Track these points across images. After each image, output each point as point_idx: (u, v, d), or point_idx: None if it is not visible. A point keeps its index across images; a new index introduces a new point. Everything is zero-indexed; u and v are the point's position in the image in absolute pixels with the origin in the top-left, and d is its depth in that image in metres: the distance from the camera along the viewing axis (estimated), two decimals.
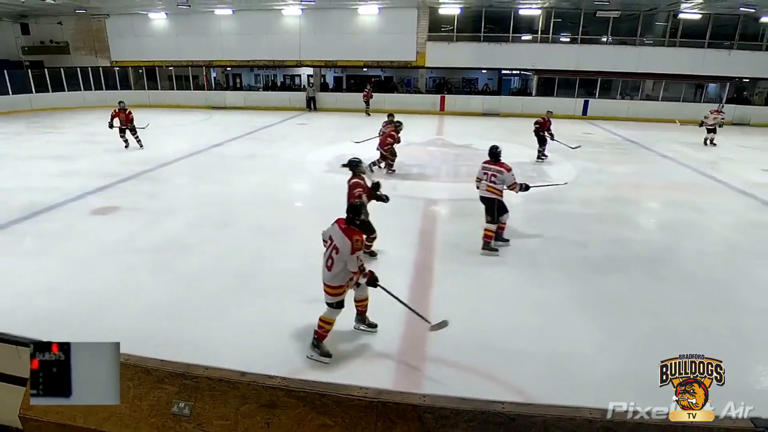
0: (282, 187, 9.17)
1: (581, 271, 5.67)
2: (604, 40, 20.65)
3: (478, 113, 21.07)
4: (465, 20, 20.80)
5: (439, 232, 6.93)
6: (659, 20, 20.58)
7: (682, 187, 9.66)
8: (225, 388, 2.22)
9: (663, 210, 8.49)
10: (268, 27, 21.57)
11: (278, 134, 15.57)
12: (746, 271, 5.82)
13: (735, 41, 19.99)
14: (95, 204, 7.83)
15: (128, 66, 23.58)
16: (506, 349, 4.03)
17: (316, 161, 11.19)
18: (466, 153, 12.50)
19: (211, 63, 23.29)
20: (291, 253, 5.99)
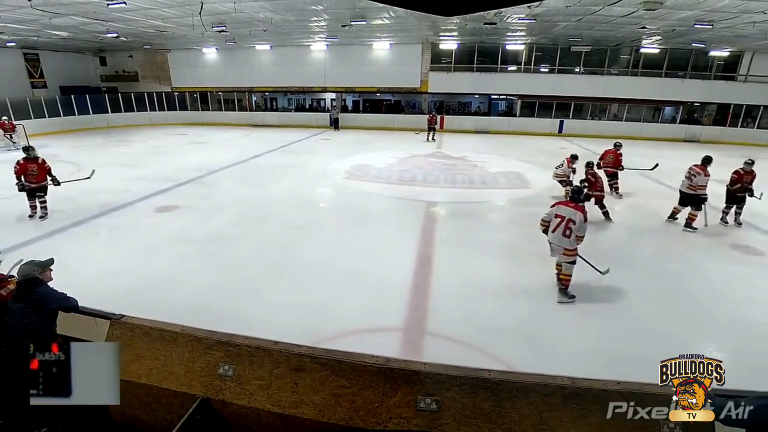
0: (308, 191, 9.19)
1: None
2: (577, 70, 20.40)
3: (472, 131, 20.92)
4: (461, 54, 20.67)
5: (438, 229, 6.89)
6: (624, 53, 20.27)
7: (644, 193, 9.51)
8: (261, 354, 2.23)
9: (626, 212, 8.37)
10: (299, 59, 21.64)
11: (306, 147, 15.61)
12: (696, 264, 5.73)
13: (688, 71, 19.65)
14: (158, 203, 7.92)
15: (185, 91, 23.80)
16: (493, 327, 4.01)
17: (337, 170, 11.20)
18: (461, 164, 12.43)
19: (252, 89, 23.44)
20: (315, 245, 6.01)
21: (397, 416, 1.97)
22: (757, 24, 12.23)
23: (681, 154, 15.12)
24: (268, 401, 2.12)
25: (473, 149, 15.25)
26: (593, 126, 20.51)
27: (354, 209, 7.77)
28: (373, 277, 4.97)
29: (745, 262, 5.84)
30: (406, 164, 12.14)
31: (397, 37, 19.02)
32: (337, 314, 4.15)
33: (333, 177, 10.50)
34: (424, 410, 1.94)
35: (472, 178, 10.56)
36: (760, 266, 5.72)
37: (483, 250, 5.96)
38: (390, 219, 7.31)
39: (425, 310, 4.31)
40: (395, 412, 1.98)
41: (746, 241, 6.60)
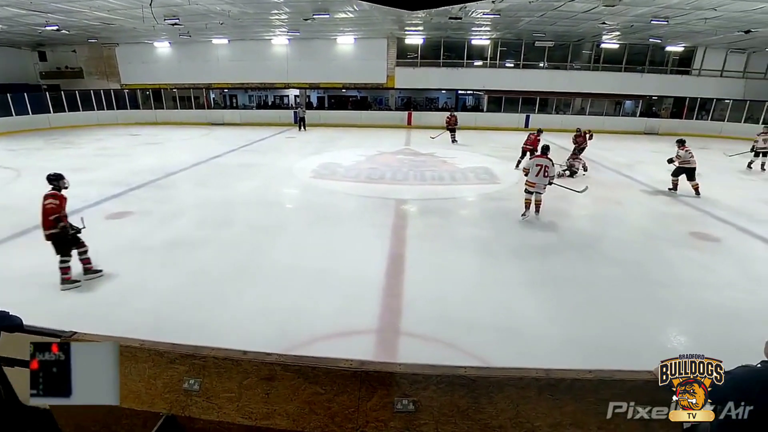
0: (274, 192, 9.03)
1: (526, 255, 5.79)
2: (541, 65, 21.10)
3: (440, 126, 21.17)
4: (427, 49, 20.91)
5: (409, 227, 6.95)
6: (585, 49, 21.16)
7: (606, 185, 9.96)
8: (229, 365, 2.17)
9: (591, 204, 8.73)
10: (259, 54, 21.18)
11: (270, 146, 15.32)
12: (656, 253, 6.06)
13: (646, 66, 20.76)
14: (110, 209, 7.55)
15: (136, 88, 22.76)
16: (467, 323, 4.08)
17: (303, 169, 11.07)
18: (430, 160, 12.58)
19: (210, 85, 22.72)
20: (283, 247, 5.91)
21: (374, 420, 1.97)
22: (708, 20, 13.07)
23: (641, 146, 15.99)
24: (238, 414, 2.07)
25: (440, 145, 15.47)
26: (558, 120, 21.28)
27: (322, 209, 7.71)
28: (344, 277, 4.95)
29: (702, 248, 6.24)
30: (375, 162, 12.15)
31: (362, 31, 19.01)
32: (308, 318, 4.10)
33: (299, 176, 10.37)
34: (401, 411, 1.95)
35: (441, 174, 10.71)
36: (717, 252, 6.14)
37: (455, 245, 6.06)
38: (360, 218, 7.30)
39: (399, 309, 4.33)
40: (372, 416, 1.98)
41: (703, 228, 7.05)
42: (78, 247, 4.90)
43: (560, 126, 20.49)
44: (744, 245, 6.40)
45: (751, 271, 5.45)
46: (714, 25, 13.95)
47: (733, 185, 10.40)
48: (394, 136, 17.99)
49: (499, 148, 14.74)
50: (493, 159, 12.72)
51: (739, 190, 9.81)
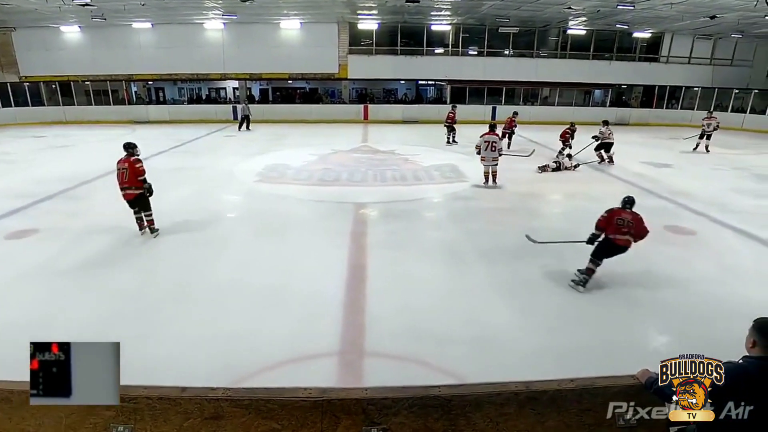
0: (212, 199, 8.76)
1: (497, 258, 5.95)
2: (506, 52, 21.90)
3: (399, 121, 21.47)
4: (383, 34, 21.13)
5: (369, 233, 6.96)
6: (552, 35, 22.21)
7: (579, 180, 10.46)
8: (166, 406, 2.08)
9: (564, 201, 9.14)
10: (189, 40, 20.55)
11: (206, 147, 14.87)
12: (633, 249, 6.38)
13: (614, 53, 22.07)
14: (10, 227, 7.01)
15: (40, 81, 21.37)
16: (437, 336, 4.13)
17: (246, 171, 10.82)
18: (391, 158, 12.68)
19: (131, 77, 21.75)
20: (226, 263, 5.74)
21: None
22: (674, 5, 14.10)
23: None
24: None
25: (403, 141, 15.65)
26: (526, 112, 22.11)
27: (270, 217, 7.56)
28: (298, 294, 4.88)
29: (678, 242, 6.69)
30: (329, 161, 12.10)
31: (309, 14, 18.94)
32: (258, 343, 4.00)
33: (242, 180, 10.13)
34: None
35: (403, 173, 10.83)
36: (692, 245, 6.60)
37: (421, 251, 6.13)
38: (314, 225, 7.23)
39: (362, 326, 4.31)
40: None
41: (678, 221, 7.56)
42: (147, 210, 6.57)
43: (528, 118, 21.29)
44: (719, 237, 6.94)
45: (728, 264, 5.90)
46: (680, 11, 15.06)
47: (705, 175, 11.23)
48: (350, 133, 18.00)
49: (466, 144, 15.08)
50: (460, 155, 13.01)
51: (710, 180, 10.61)
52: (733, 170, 11.86)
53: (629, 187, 9.89)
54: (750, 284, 5.33)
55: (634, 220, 5.16)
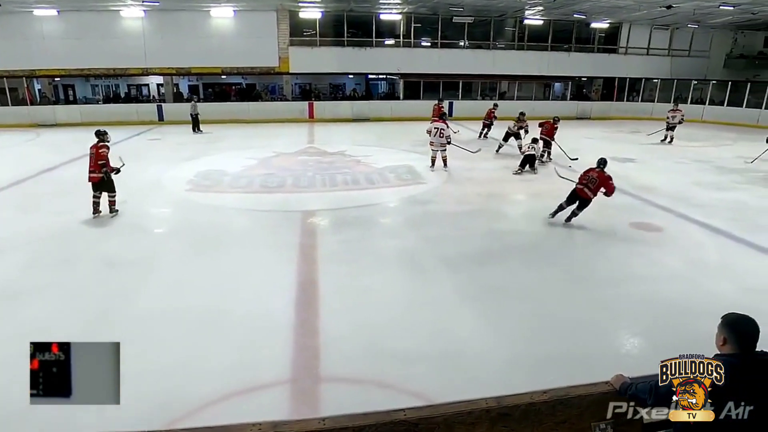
0: (137, 212, 8.39)
1: (461, 265, 6.07)
2: (461, 44, 22.51)
3: (349, 119, 21.51)
4: (327, 24, 21.16)
5: (320, 244, 6.90)
6: (508, 26, 23.09)
7: (542, 178, 10.87)
8: None
9: (528, 201, 9.46)
10: (104, 30, 19.66)
11: (127, 153, 14.10)
12: (600, 248, 6.76)
13: (572, 44, 23.22)
14: None
15: None
16: (400, 354, 4.14)
17: (176, 179, 10.46)
18: (341, 160, 12.67)
19: (33, 72, 20.50)
20: (155, 286, 5.50)
21: None
22: None
23: (575, 132, 17.74)
24: None
25: (353, 141, 15.69)
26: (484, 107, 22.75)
27: (205, 231, 7.34)
28: (241, 317, 4.75)
29: (646, 239, 7.12)
30: (271, 166, 11.93)
31: (244, 1, 18.69)
32: (198, 376, 3.85)
33: (171, 190, 9.77)
34: None
35: (355, 176, 10.85)
36: (659, 242, 7.03)
37: (378, 262, 6.15)
38: (256, 238, 7.09)
39: (316, 349, 4.26)
40: None
41: (644, 218, 8.03)
42: (110, 192, 7.88)
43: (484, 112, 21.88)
44: (685, 233, 7.44)
45: (695, 260, 6.35)
46: (637, 0, 16.07)
47: (668, 169, 12.01)
48: (294, 133, 17.84)
49: (422, 142, 15.29)
50: (416, 155, 13.19)
51: (673, 174, 11.37)
52: (695, 163, 12.73)
53: None
54: (717, 279, 5.74)
55: (598, 177, 7.23)
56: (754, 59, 24.37)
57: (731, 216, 8.10)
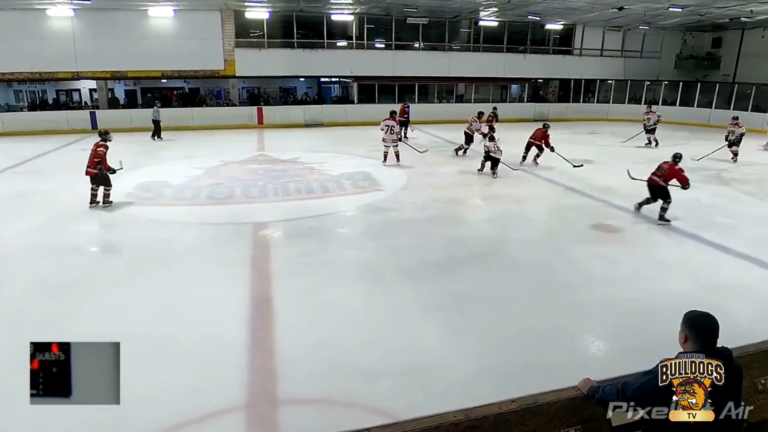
0: (69, 231, 8.00)
1: (423, 274, 6.12)
2: (416, 45, 22.85)
3: (301, 124, 21.38)
4: (275, 25, 21.01)
5: (273, 258, 6.81)
6: (463, 27, 23.63)
7: (502, 182, 11.15)
8: None
9: (489, 205, 9.68)
10: (28, 31, 18.74)
11: (57, 164, 13.61)
12: (562, 251, 6.99)
13: (528, 46, 24.02)
14: None
15: None
16: (362, 370, 4.13)
17: (113, 193, 10.05)
18: (294, 168, 12.57)
19: None
20: (92, 311, 5.25)
21: None
22: None
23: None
24: None
25: (306, 147, 15.61)
26: (441, 110, 23.21)
27: (147, 248, 7.10)
28: (190, 341, 4.60)
29: (606, 241, 7.44)
30: (218, 175, 11.69)
31: (185, 1, 18.30)
32: (145, 407, 3.69)
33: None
34: None
35: (309, 185, 10.78)
36: (620, 243, 7.36)
37: (336, 275, 6.13)
38: (204, 254, 6.91)
39: (273, 370, 4.19)
40: None
41: (604, 220, 8.38)
42: (106, 186, 8.99)
43: (445, 116, 22.33)
44: (644, 233, 7.82)
45: (655, 259, 6.67)
46: (590, 2, 16.85)
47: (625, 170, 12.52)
48: (242, 140, 17.57)
49: (379, 147, 15.40)
50: (372, 161, 13.26)
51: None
52: (651, 163, 13.28)
53: (554, 187, 10.76)
54: (677, 278, 6.06)
55: (668, 168, 8.09)
56: (703, 60, 25.94)
57: (687, 214, 8.55)
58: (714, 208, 9.13)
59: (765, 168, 13.10)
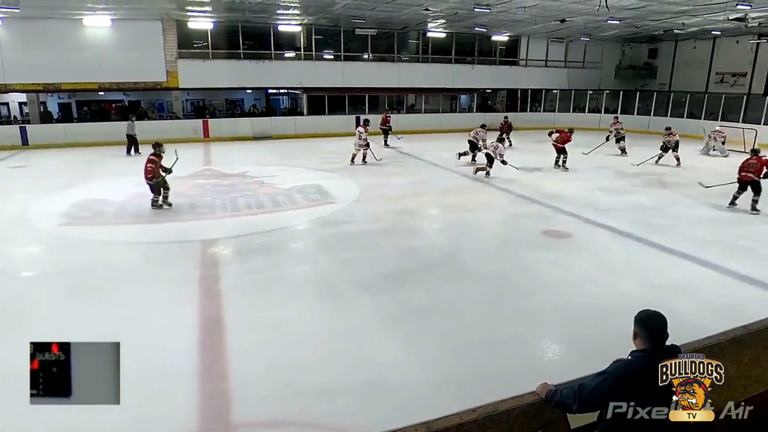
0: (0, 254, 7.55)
1: (379, 287, 6.13)
2: (365, 56, 23.05)
3: (249, 137, 21.03)
4: (220, 36, 20.69)
5: (223, 276, 6.63)
6: (412, 38, 24.07)
7: (455, 191, 11.36)
8: None
9: (442, 215, 9.81)
10: None
11: None
12: (515, 258, 7.17)
13: (475, 57, 24.72)
14: None
15: None
16: (320, 389, 4.07)
17: (46, 214, 9.52)
18: (242, 182, 12.34)
19: None
20: (22, 342, 4.92)
21: None
22: (527, 9, 16.35)
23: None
24: None
25: (254, 161, 15.38)
26: (393, 121, 23.39)
27: (87, 271, 6.76)
28: (135, 368, 4.35)
29: (557, 246, 7.70)
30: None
31: (123, 10, 17.74)
32: None
33: (39, 226, 8.87)
34: None
35: (259, 199, 10.62)
36: (570, 248, 7.65)
37: (289, 291, 6.04)
38: (149, 275, 6.65)
39: (226, 394, 4.07)
40: None
41: (554, 225, 8.68)
42: (164, 189, 9.81)
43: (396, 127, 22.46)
44: (592, 237, 8.16)
45: (604, 263, 6.97)
46: (533, 14, 17.51)
47: (573, 176, 13.07)
48: (187, 154, 16.92)
49: (330, 159, 15.40)
50: (324, 173, 13.22)
51: (578, 181, 12.43)
52: (596, 169, 14.00)
53: (505, 194, 11.04)
54: (626, 280, 6.35)
55: (757, 162, 9.47)
56: (640, 70, 27.57)
57: (632, 218, 8.99)
58: (657, 211, 9.62)
59: (702, 171, 13.92)
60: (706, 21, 18.36)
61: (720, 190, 10.17)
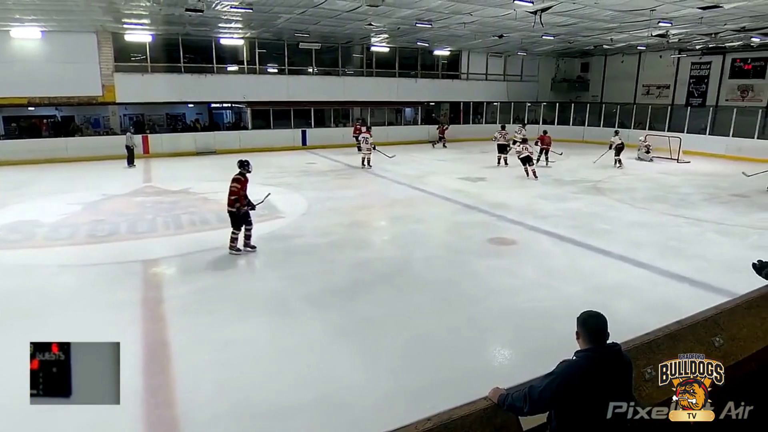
0: None
1: (331, 302, 6.08)
2: (310, 70, 23.00)
3: (192, 152, 20.46)
4: (159, 49, 20.09)
5: (168, 297, 6.37)
6: (356, 52, 24.25)
7: (402, 203, 11.47)
8: None
9: (391, 226, 9.88)
10: None
11: None
12: (463, 266, 7.31)
13: (419, 71, 25.22)
14: None
15: None
16: (272, 407, 3.99)
17: None
18: (186, 199, 11.96)
19: None
20: None
21: None
22: (467, 25, 16.82)
23: (427, 156, 19.16)
24: None
25: (198, 177, 14.98)
26: (339, 134, 23.45)
27: (17, 297, 6.33)
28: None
29: (503, 253, 7.90)
30: (99, 211, 10.79)
31: (54, 21, 16.91)
32: None
33: None
34: None
35: (203, 216, 10.35)
36: (515, 254, 7.87)
37: (238, 310, 5.90)
38: (85, 299, 6.30)
39: (174, 421, 3.91)
40: None
41: (499, 233, 8.92)
42: (246, 225, 7.91)
43: (342, 141, 22.54)
44: (536, 243, 8.44)
45: (548, 267, 7.21)
46: (473, 30, 18.05)
47: (515, 185, 13.53)
48: (126, 171, 16.47)
49: (276, 173, 15.20)
50: (271, 188, 12.94)
51: (520, 190, 12.89)
52: (538, 178, 14.51)
53: (451, 204, 11.25)
54: (568, 283, 6.59)
55: None
56: (574, 82, 28.98)
57: (572, 224, 9.37)
58: (594, 216, 10.07)
59: (634, 177, 14.73)
60: (632, 37, 19.49)
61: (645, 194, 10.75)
